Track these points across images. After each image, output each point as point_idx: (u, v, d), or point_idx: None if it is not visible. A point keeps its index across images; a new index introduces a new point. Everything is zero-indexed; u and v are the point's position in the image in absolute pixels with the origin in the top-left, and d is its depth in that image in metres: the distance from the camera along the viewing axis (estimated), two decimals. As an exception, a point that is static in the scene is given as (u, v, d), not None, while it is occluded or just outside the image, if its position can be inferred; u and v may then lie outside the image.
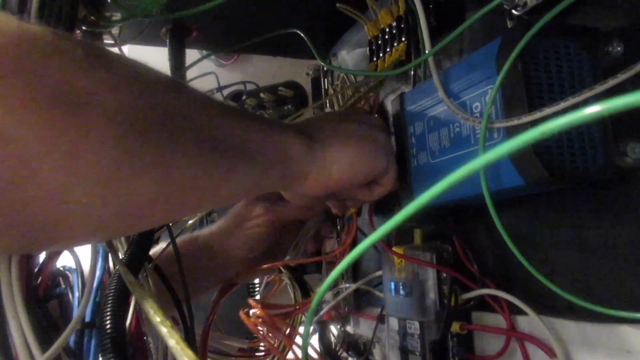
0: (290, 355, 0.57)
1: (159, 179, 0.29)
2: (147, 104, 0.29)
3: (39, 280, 0.34)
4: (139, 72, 0.30)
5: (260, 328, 0.49)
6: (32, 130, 0.22)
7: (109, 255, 0.37)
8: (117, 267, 0.37)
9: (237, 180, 0.35)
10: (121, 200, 0.27)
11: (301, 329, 0.56)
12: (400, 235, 0.51)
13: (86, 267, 0.36)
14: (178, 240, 0.51)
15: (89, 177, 0.25)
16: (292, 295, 0.60)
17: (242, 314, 0.49)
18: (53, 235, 0.27)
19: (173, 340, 0.26)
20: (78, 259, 0.36)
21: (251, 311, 0.49)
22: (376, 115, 0.56)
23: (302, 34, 0.62)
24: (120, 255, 0.37)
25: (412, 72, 0.52)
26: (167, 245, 0.50)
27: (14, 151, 0.22)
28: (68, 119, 0.24)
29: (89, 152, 0.24)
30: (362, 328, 0.64)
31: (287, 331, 0.53)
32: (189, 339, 0.43)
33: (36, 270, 0.34)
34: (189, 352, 0.25)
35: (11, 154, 0.22)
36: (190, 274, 0.47)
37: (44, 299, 0.34)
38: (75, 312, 0.35)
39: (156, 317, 0.28)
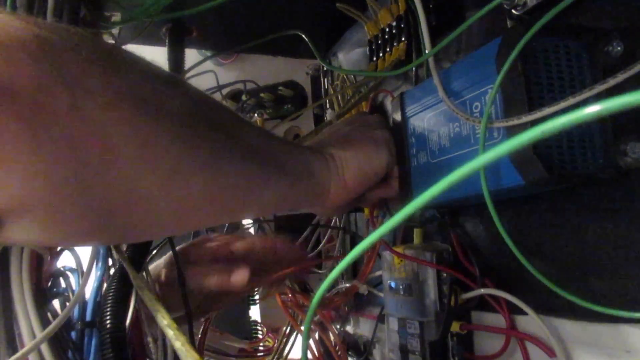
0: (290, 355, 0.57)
1: (209, 180, 0.32)
2: (203, 113, 0.33)
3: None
4: (193, 89, 0.36)
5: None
6: (116, 123, 0.26)
7: (109, 255, 0.38)
8: (117, 267, 0.37)
9: (270, 191, 0.39)
10: (178, 195, 0.31)
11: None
12: (406, 233, 0.51)
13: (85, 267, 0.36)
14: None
15: (157, 168, 0.28)
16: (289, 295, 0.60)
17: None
18: (122, 222, 0.29)
19: (179, 342, 0.27)
20: (78, 259, 0.36)
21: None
22: (374, 114, 0.56)
23: (302, 35, 0.62)
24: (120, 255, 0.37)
25: (413, 72, 0.52)
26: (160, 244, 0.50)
27: (102, 138, 0.25)
28: (143, 114, 0.28)
29: (158, 145, 0.28)
30: (362, 328, 0.64)
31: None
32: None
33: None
34: (195, 355, 0.25)
35: (99, 140, 0.25)
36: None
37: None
38: (75, 311, 0.35)
39: (163, 320, 0.29)
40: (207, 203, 0.33)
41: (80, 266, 0.36)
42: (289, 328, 0.65)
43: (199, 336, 0.58)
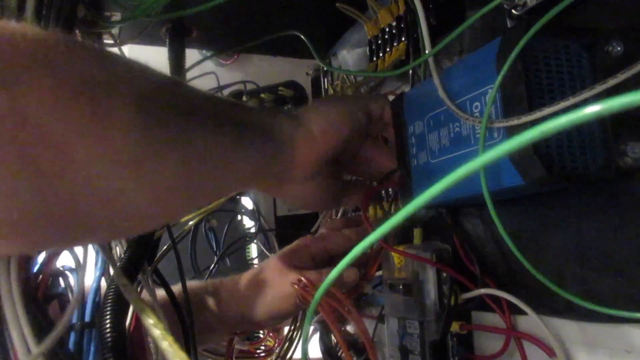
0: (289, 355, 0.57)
1: (178, 157, 0.31)
2: (159, 92, 0.31)
3: (39, 280, 0.34)
4: (148, 69, 0.33)
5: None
6: (64, 119, 0.24)
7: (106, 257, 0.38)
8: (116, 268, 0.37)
9: (244, 153, 0.37)
10: (149, 182, 0.29)
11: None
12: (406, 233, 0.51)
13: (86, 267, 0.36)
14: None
15: (119, 161, 0.27)
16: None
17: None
18: (97, 223, 0.28)
19: (165, 342, 0.26)
20: (78, 259, 0.36)
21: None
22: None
23: (301, 36, 0.62)
24: (118, 256, 0.37)
25: (411, 72, 0.52)
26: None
27: (52, 141, 0.23)
28: (94, 107, 0.25)
29: (116, 136, 0.26)
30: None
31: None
32: (187, 339, 0.43)
33: (35, 270, 0.34)
34: (182, 354, 0.25)
35: (49, 144, 0.23)
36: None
37: (44, 299, 0.34)
38: (75, 311, 0.35)
39: (149, 319, 0.29)
40: (183, 180, 0.32)
41: (80, 266, 0.36)
42: (292, 328, 0.66)
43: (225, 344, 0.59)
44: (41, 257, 0.35)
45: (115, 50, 0.53)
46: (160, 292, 0.44)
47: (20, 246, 0.27)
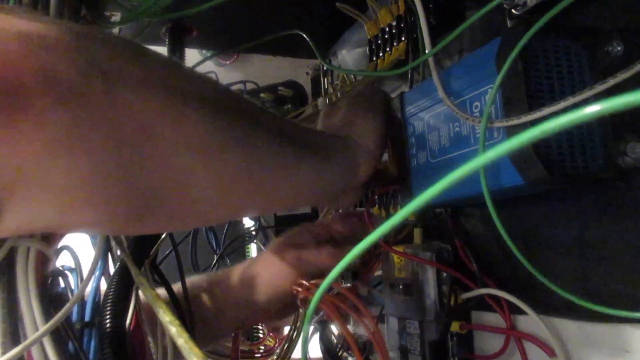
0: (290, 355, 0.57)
1: (242, 155, 0.34)
2: (231, 98, 0.36)
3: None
4: (211, 79, 0.39)
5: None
6: (148, 105, 0.28)
7: (109, 255, 0.38)
8: (117, 267, 0.37)
9: (304, 169, 0.40)
10: (215, 168, 0.32)
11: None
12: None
13: (86, 267, 0.36)
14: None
15: (191, 145, 0.30)
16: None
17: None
18: (162, 200, 0.31)
19: (182, 339, 0.27)
20: (78, 259, 0.36)
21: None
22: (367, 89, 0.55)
23: (303, 34, 0.62)
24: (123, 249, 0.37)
25: (411, 72, 0.52)
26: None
27: (136, 119, 0.27)
28: (171, 98, 0.30)
29: (190, 122, 0.30)
30: (362, 328, 0.64)
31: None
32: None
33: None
34: (197, 351, 0.25)
35: (134, 121, 0.27)
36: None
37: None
38: (75, 311, 0.35)
39: (165, 317, 0.29)
40: (245, 178, 0.35)
41: (79, 266, 0.36)
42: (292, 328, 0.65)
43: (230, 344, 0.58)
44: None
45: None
46: (161, 292, 0.44)
47: (87, 207, 0.28)
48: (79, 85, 0.25)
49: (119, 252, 0.38)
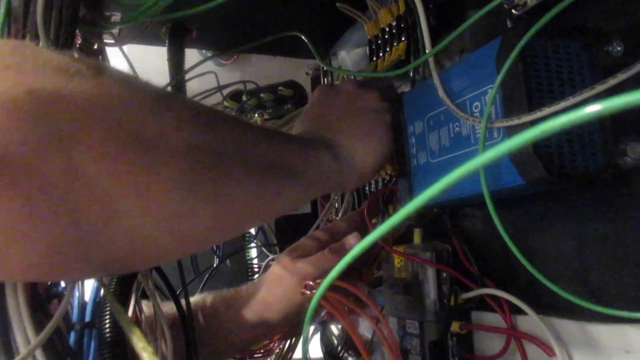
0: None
1: (216, 209, 0.31)
2: (206, 141, 0.31)
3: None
4: (199, 111, 0.33)
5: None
6: (112, 175, 0.25)
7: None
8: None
9: (284, 200, 0.38)
10: (184, 232, 0.30)
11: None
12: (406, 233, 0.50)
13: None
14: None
15: (159, 214, 0.27)
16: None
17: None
18: (125, 264, 0.30)
19: None
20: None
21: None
22: (375, 92, 0.53)
23: (302, 36, 0.62)
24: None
25: (411, 72, 0.52)
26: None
27: (99, 195, 0.25)
28: (142, 160, 0.26)
29: (160, 190, 0.27)
30: (362, 328, 0.64)
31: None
32: (188, 339, 0.42)
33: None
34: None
35: (96, 199, 0.25)
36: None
37: (46, 298, 0.34)
38: (75, 311, 0.35)
39: (138, 343, 0.29)
40: (217, 228, 0.33)
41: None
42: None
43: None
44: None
45: (114, 50, 0.54)
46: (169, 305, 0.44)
47: (49, 278, 0.29)
48: (34, 164, 0.22)
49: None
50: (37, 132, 0.22)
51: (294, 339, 0.66)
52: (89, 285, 0.37)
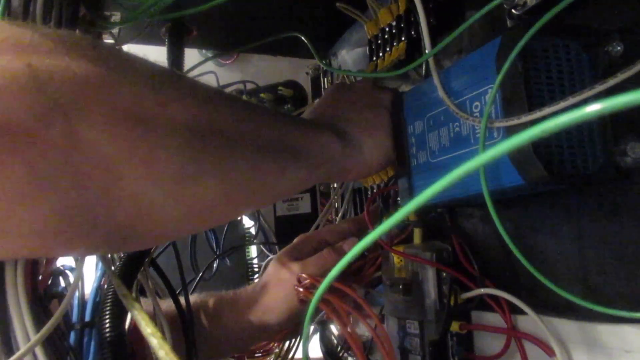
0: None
1: (219, 181, 0.32)
2: (207, 115, 0.32)
3: (39, 279, 0.34)
4: (198, 87, 0.34)
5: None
6: (114, 142, 0.26)
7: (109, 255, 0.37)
8: (116, 267, 0.37)
9: (287, 180, 0.38)
10: (189, 200, 0.30)
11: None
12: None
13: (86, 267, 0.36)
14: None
15: (162, 180, 0.28)
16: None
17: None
18: (131, 234, 0.29)
19: (163, 351, 0.26)
20: (77, 258, 0.36)
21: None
22: (389, 92, 0.53)
23: (301, 37, 0.62)
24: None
25: (411, 72, 0.52)
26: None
27: (101, 161, 0.25)
28: (141, 131, 0.27)
29: (161, 158, 0.28)
30: (362, 328, 0.64)
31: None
32: (188, 338, 0.42)
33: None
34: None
35: (99, 164, 0.25)
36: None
37: (46, 298, 0.34)
38: (75, 311, 0.35)
39: (147, 329, 0.28)
40: (221, 202, 0.33)
41: (80, 266, 0.36)
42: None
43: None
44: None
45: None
46: (168, 302, 0.44)
47: (53, 250, 0.28)
48: (35, 131, 0.23)
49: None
50: (37, 101, 0.23)
51: (293, 340, 0.66)
52: (89, 285, 0.37)
